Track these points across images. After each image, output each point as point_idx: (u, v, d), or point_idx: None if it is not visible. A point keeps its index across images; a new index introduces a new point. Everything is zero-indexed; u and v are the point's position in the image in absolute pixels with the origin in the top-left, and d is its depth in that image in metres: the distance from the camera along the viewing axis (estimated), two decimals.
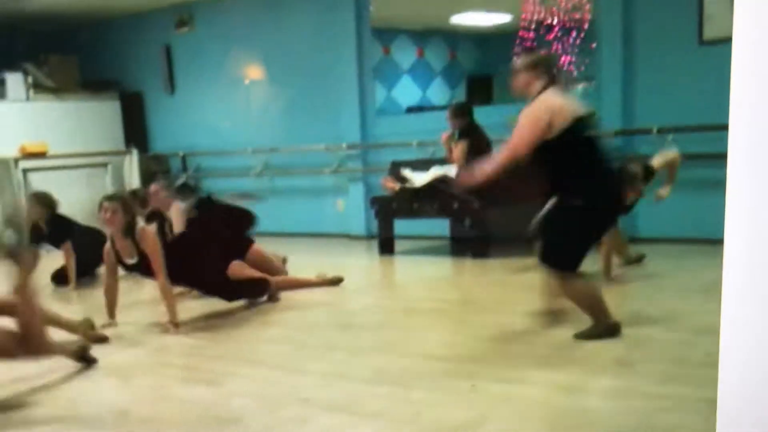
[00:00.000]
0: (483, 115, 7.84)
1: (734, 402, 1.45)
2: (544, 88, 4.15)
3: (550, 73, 4.23)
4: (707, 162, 6.53)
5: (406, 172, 7.88)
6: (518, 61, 4.30)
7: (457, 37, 11.92)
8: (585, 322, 4.33)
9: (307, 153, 9.83)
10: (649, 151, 7.40)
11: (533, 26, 8.44)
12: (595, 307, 4.30)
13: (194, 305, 5.70)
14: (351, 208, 9.66)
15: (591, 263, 4.87)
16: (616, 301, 4.73)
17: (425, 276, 6.98)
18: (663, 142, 7.12)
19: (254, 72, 10.36)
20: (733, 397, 1.45)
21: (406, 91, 11.11)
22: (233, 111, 10.61)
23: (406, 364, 4.07)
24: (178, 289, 5.45)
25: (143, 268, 5.08)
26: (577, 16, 8.10)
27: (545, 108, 4.08)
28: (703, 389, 3.34)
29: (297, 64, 9.93)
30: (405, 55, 11.36)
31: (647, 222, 7.59)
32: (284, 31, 10.05)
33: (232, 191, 6.42)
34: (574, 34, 8.17)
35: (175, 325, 4.97)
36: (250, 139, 10.31)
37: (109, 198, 5.19)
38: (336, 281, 6.21)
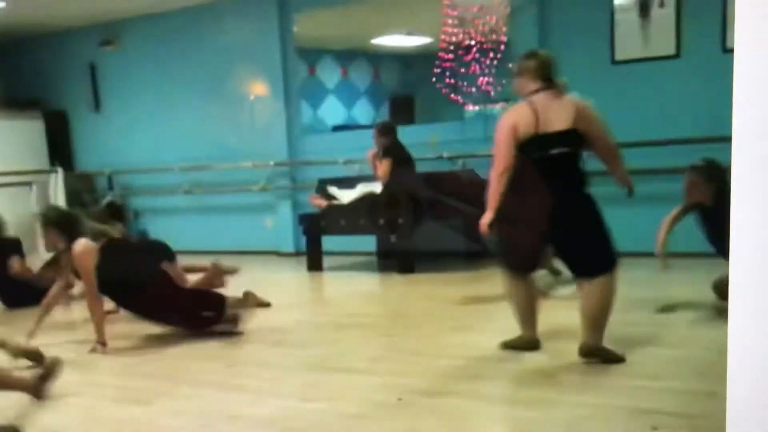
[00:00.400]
0: (406, 134, 7.95)
1: (743, 406, 1.46)
2: (535, 91, 3.99)
3: (543, 77, 4.02)
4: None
5: (333, 190, 7.93)
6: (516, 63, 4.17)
7: (379, 58, 12.01)
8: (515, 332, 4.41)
9: (236, 171, 9.77)
10: None
11: (452, 48, 8.57)
12: (526, 317, 4.34)
13: (124, 324, 5.60)
14: (280, 225, 9.65)
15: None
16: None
17: (353, 291, 7.01)
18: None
19: (181, 90, 10.26)
20: (743, 401, 1.46)
21: (332, 110, 11.14)
22: (160, 129, 10.47)
23: (336, 379, 4.09)
24: (107, 307, 5.33)
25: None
26: (494, 37, 8.27)
27: (507, 117, 4.01)
28: (621, 398, 3.48)
29: (224, 82, 9.88)
30: (330, 74, 11.40)
31: None
32: (210, 50, 10.01)
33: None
34: (491, 55, 8.33)
35: (102, 344, 4.88)
36: (178, 156, 10.19)
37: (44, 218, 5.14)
38: (262, 304, 5.98)
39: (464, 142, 8.33)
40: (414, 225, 7.46)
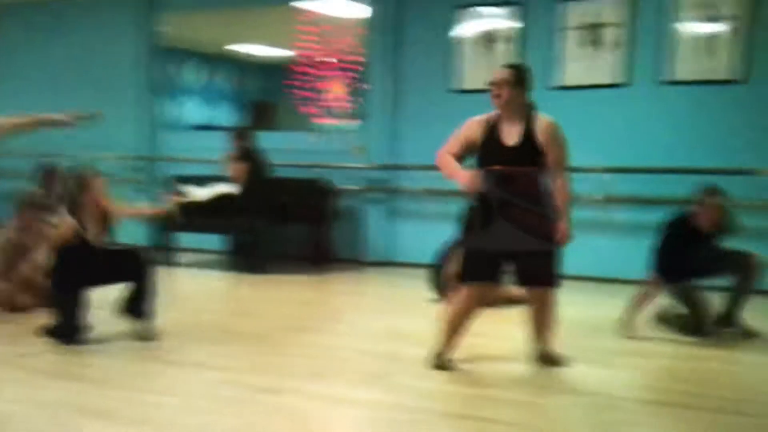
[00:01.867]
0: (266, 140, 7.86)
1: None
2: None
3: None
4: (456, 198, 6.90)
5: (187, 188, 7.69)
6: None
7: (244, 64, 11.85)
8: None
9: (98, 162, 9.28)
10: (413, 185, 7.82)
11: (310, 62, 8.59)
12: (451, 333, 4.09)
13: None
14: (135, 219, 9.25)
15: None
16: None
17: (204, 289, 6.84)
18: (425, 178, 7.50)
19: (53, 79, 9.69)
20: None
21: (195, 111, 10.87)
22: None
23: (183, 375, 3.97)
24: None
25: None
26: (350, 57, 8.34)
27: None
28: (450, 404, 3.57)
29: (88, 77, 9.43)
30: (195, 76, 11.12)
31: (405, 249, 7.99)
32: (75, 46, 9.54)
33: None
34: (348, 74, 8.39)
35: None
36: (38, 146, 9.57)
37: None
38: None
39: (319, 153, 8.33)
40: (268, 227, 7.37)
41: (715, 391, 3.85)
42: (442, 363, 4.05)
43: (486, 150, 3.93)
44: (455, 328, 4.06)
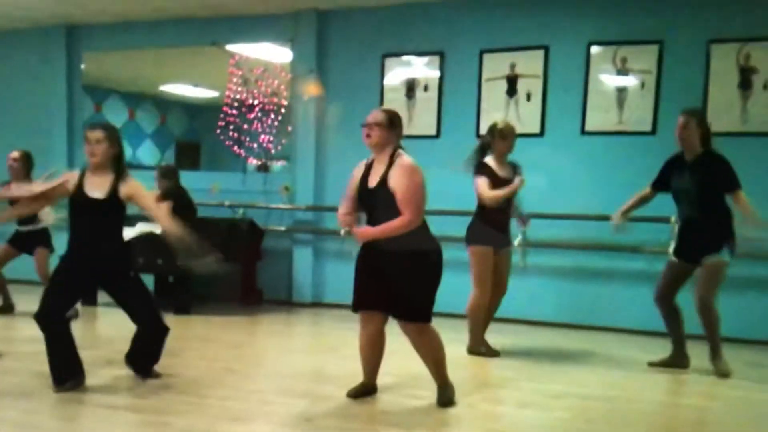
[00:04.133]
0: (190, 180, 7.86)
1: None
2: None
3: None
4: None
5: None
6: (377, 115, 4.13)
7: (167, 104, 11.76)
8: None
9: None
10: (335, 226, 7.90)
11: (236, 104, 8.66)
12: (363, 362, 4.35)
13: None
14: (55, 260, 9.01)
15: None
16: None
17: (127, 329, 6.69)
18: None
19: None
20: None
21: None
22: None
23: (101, 414, 3.95)
24: None
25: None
26: (276, 100, 8.45)
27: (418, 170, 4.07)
28: None
29: (10, 110, 9.27)
30: (116, 114, 10.96)
31: (332, 289, 8.06)
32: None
33: None
34: (272, 115, 8.50)
35: None
36: None
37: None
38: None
39: (245, 193, 8.37)
40: (191, 267, 7.31)
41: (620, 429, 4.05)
42: (352, 392, 4.30)
43: (358, 192, 4.19)
44: (361, 357, 4.30)
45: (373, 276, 4.09)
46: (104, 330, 6.99)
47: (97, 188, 4.47)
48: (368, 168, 4.18)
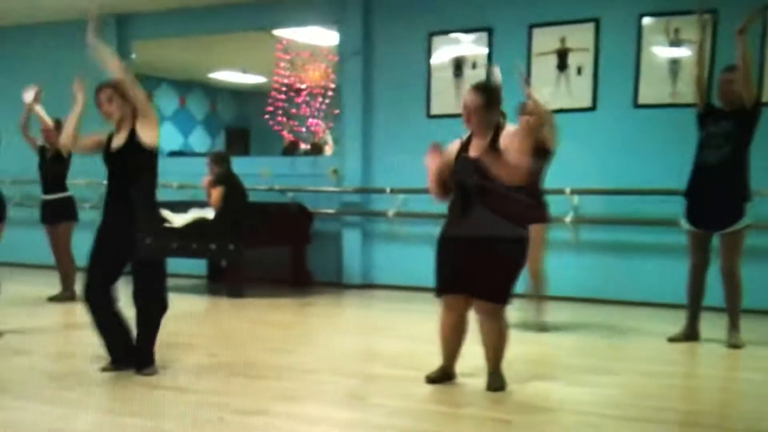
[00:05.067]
0: (240, 165, 7.93)
1: None
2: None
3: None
4: (429, 220, 7.00)
5: (165, 213, 7.73)
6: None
7: (217, 91, 11.92)
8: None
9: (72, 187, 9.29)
10: (384, 207, 7.92)
11: (284, 89, 8.69)
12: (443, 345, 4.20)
13: None
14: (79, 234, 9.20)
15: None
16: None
17: (181, 312, 6.79)
18: (398, 201, 7.61)
19: (7, 111, 9.69)
20: None
21: (169, 137, 10.90)
22: None
23: (159, 396, 4.00)
24: None
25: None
26: (323, 83, 8.46)
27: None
28: (424, 423, 3.64)
29: (60, 104, 9.41)
30: (168, 102, 11.18)
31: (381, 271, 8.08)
32: (47, 71, 9.57)
33: None
34: (320, 99, 8.51)
35: None
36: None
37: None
38: None
39: (294, 177, 8.42)
40: (243, 251, 7.42)
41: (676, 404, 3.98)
42: (432, 376, 4.16)
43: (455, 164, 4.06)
44: (442, 342, 4.17)
45: (459, 261, 3.98)
46: None
47: (120, 142, 4.31)
48: (466, 143, 4.07)
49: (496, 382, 4.10)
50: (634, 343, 5.50)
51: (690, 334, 5.38)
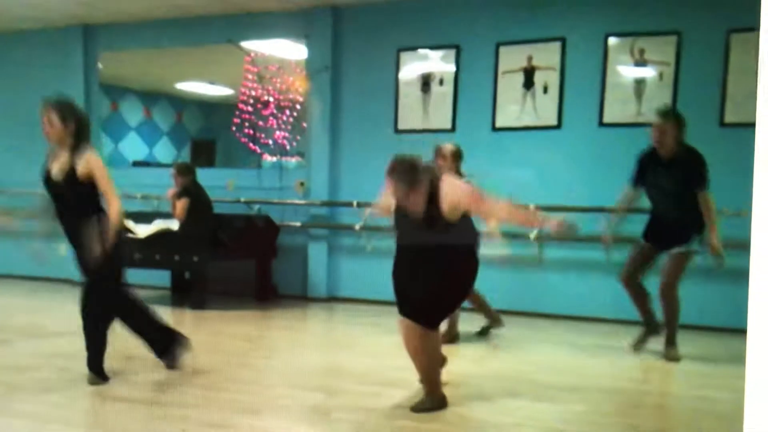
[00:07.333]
0: (205, 177, 7.88)
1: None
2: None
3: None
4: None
5: (129, 223, 7.64)
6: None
7: (183, 102, 11.84)
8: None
9: (27, 197, 9.14)
10: (350, 221, 7.91)
11: (251, 101, 8.66)
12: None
13: None
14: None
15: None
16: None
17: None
18: (362, 214, 7.61)
19: None
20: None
21: (133, 147, 10.80)
22: None
23: (120, 408, 3.95)
24: None
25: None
26: (291, 96, 8.45)
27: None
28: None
29: (26, 112, 9.31)
30: (133, 112, 11.07)
31: (347, 285, 8.07)
32: (16, 79, 9.48)
33: None
34: (287, 112, 8.50)
35: None
36: None
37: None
38: None
39: (261, 190, 8.39)
40: (209, 263, 7.36)
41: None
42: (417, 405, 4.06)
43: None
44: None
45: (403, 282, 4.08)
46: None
47: (58, 170, 4.30)
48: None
49: (422, 403, 4.03)
50: (596, 358, 5.54)
51: (648, 333, 5.59)
